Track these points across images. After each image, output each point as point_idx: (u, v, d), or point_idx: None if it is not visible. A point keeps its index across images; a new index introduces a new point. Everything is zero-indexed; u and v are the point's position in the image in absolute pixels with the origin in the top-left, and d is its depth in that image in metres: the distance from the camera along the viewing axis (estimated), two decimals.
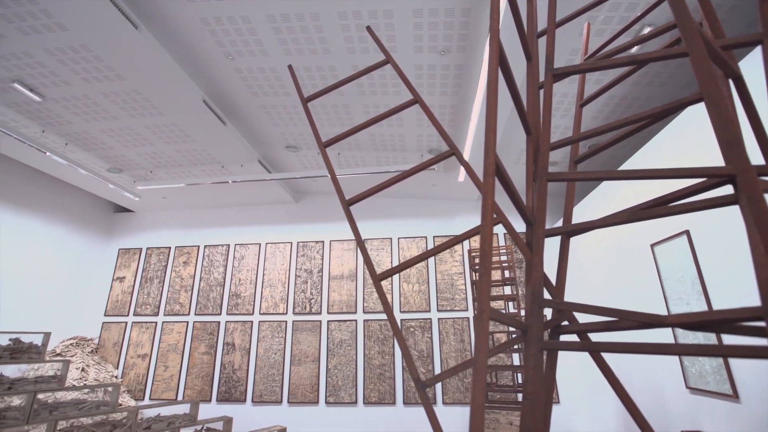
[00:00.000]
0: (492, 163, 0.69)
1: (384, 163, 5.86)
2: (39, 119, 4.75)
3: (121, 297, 7.25)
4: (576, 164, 1.11)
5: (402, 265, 0.91)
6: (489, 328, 0.78)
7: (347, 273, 6.72)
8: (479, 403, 0.56)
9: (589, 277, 4.88)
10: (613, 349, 0.73)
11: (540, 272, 0.85)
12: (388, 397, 5.93)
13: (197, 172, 6.18)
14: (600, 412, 4.87)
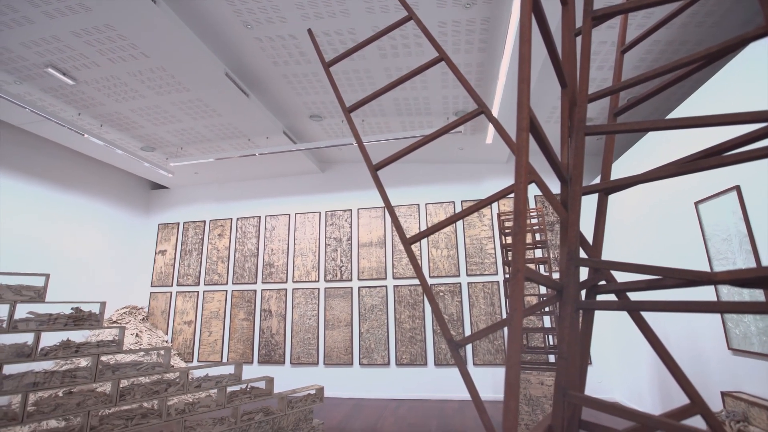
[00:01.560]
0: (526, 117, 0.66)
1: (409, 128, 5.73)
2: (74, 102, 4.92)
3: (164, 269, 7.71)
4: (615, 117, 1.04)
5: (432, 228, 0.90)
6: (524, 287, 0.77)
7: (376, 240, 6.80)
8: (515, 361, 0.56)
9: (626, 237, 4.71)
10: (656, 308, 0.70)
11: (576, 231, 0.82)
12: (420, 359, 6.12)
13: (225, 146, 6.29)
14: (632, 373, 4.84)
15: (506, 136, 1.07)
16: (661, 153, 3.90)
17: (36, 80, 4.42)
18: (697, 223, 3.28)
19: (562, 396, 0.78)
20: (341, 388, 6.24)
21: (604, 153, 1.01)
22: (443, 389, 5.95)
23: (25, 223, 5.81)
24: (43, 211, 6.08)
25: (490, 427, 0.87)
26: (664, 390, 4.12)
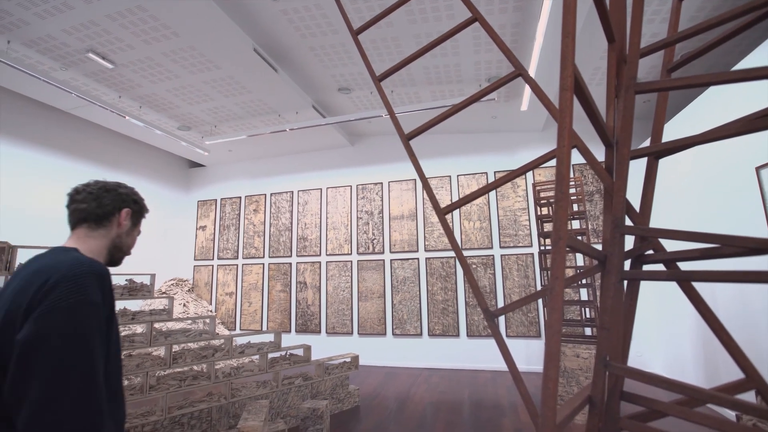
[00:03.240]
0: (570, 75, 0.61)
1: (440, 97, 5.56)
2: (114, 86, 5.12)
3: (205, 243, 8.11)
4: (669, 73, 0.95)
5: (467, 197, 0.87)
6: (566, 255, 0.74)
7: (407, 213, 6.80)
8: (555, 330, 0.55)
9: (674, 205, 4.44)
10: (711, 278, 0.66)
11: (622, 197, 0.77)
12: (452, 330, 6.19)
13: (256, 123, 6.38)
14: (674, 346, 4.67)
15: (546, 98, 1.00)
16: (716, 115, 3.58)
17: (79, 66, 4.61)
18: (757, 190, 3.03)
19: (603, 367, 0.77)
20: (375, 357, 6.46)
21: (656, 113, 0.93)
22: (476, 360, 6.02)
23: None
24: None
25: (527, 396, 0.87)
26: (710, 364, 3.96)
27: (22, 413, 0.76)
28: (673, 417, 0.69)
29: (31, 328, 0.79)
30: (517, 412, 4.06)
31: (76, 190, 1.08)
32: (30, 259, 0.98)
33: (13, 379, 0.78)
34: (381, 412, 4.14)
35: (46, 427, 0.76)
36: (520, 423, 3.76)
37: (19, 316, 0.82)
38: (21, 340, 0.79)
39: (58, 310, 0.81)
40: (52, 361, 0.78)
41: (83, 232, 1.06)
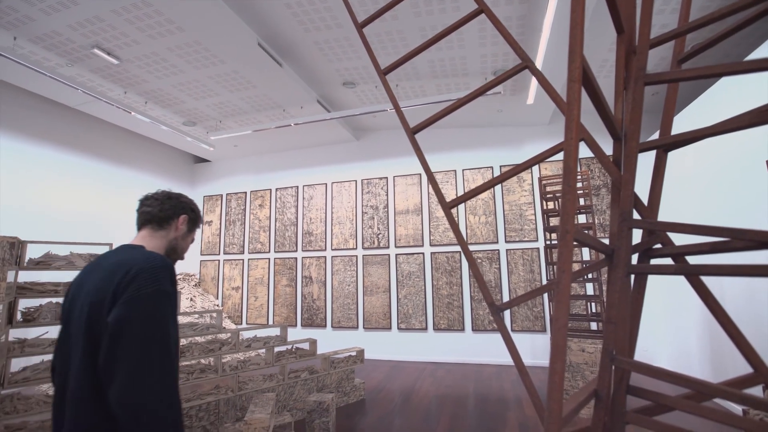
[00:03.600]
0: (579, 67, 0.60)
1: (445, 90, 5.52)
2: (120, 81, 5.14)
3: (211, 238, 8.17)
4: (680, 64, 0.93)
5: (473, 191, 0.87)
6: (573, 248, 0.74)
7: (412, 207, 6.79)
8: (562, 324, 0.55)
9: (683, 199, 4.39)
10: (720, 272, 0.65)
11: (630, 191, 0.76)
12: (457, 324, 6.20)
13: (261, 117, 6.39)
14: (680, 341, 4.64)
15: (553, 91, 0.99)
16: (727, 107, 3.53)
17: (85, 61, 4.63)
18: (767, 183, 2.99)
19: (609, 361, 0.76)
20: (380, 351, 6.50)
21: (665, 106, 0.91)
22: (480, 354, 6.03)
23: (86, 196, 6.31)
24: (101, 185, 6.56)
25: (533, 389, 0.87)
26: (717, 359, 3.94)
27: (114, 384, 0.91)
28: (680, 411, 0.69)
29: (120, 311, 0.94)
30: (522, 406, 4.07)
31: (146, 197, 1.26)
32: (105, 254, 1.14)
33: (106, 354, 0.93)
34: (386, 406, 4.17)
35: (134, 395, 0.90)
36: (525, 417, 3.77)
37: (107, 300, 0.97)
38: (112, 321, 0.94)
39: (141, 297, 0.97)
40: (137, 339, 0.94)
41: (147, 232, 1.22)
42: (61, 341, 1.06)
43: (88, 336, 0.97)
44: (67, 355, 1.01)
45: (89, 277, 1.06)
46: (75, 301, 1.05)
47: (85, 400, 0.95)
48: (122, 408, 0.90)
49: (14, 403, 2.57)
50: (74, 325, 1.01)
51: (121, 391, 0.90)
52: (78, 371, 0.96)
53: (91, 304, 0.98)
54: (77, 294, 1.06)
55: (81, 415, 0.95)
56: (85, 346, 0.96)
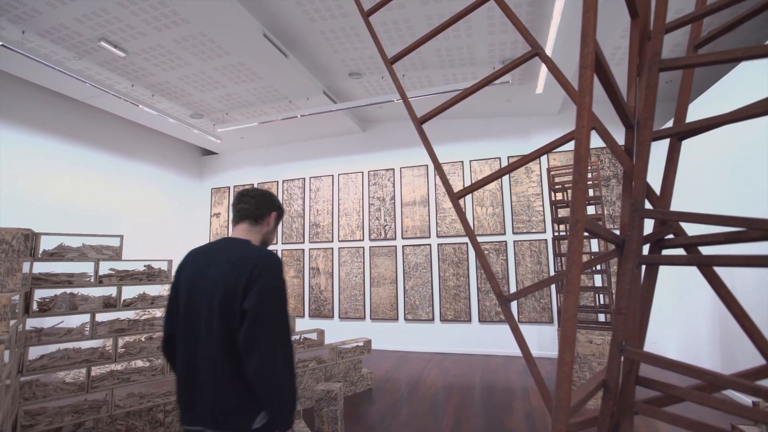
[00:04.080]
0: (591, 52, 0.59)
1: (452, 80, 5.45)
2: (127, 74, 5.16)
3: (219, 230, 8.25)
4: (696, 49, 0.91)
5: (481, 182, 0.86)
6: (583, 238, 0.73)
7: (419, 199, 6.77)
8: (571, 314, 0.54)
9: (696, 189, 4.32)
10: (735, 263, 0.64)
11: (642, 180, 0.75)
12: (464, 315, 6.21)
13: (267, 109, 6.38)
14: (689, 333, 4.61)
15: (563, 79, 0.97)
16: (742, 95, 3.44)
17: (92, 55, 4.65)
18: None
19: (618, 351, 0.76)
20: (387, 342, 6.55)
21: (680, 93, 0.89)
22: (487, 345, 6.05)
23: (96, 189, 6.39)
24: (110, 178, 6.64)
25: (540, 379, 0.87)
26: (726, 350, 3.91)
27: (253, 358, 1.15)
28: (686, 403, 0.68)
29: (254, 299, 1.18)
30: (528, 396, 4.08)
31: (243, 194, 1.44)
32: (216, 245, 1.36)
33: (245, 335, 1.16)
34: (393, 395, 4.21)
35: (270, 367, 1.15)
36: (531, 407, 3.78)
37: (239, 290, 1.19)
38: (248, 308, 1.17)
39: (268, 289, 1.21)
40: (269, 324, 1.18)
41: (246, 227, 1.42)
42: (181, 314, 1.28)
43: (220, 314, 1.20)
44: (193, 325, 1.25)
45: (211, 266, 1.28)
46: (197, 284, 1.27)
47: (220, 363, 1.19)
48: (260, 376, 1.15)
49: (33, 390, 2.64)
50: (203, 304, 1.24)
51: (260, 363, 1.15)
52: (212, 341, 1.20)
53: (225, 289, 1.21)
54: (198, 278, 1.28)
55: (218, 375, 1.19)
56: (218, 322, 1.20)
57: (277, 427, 1.21)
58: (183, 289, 1.30)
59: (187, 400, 1.24)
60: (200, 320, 1.24)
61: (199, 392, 1.22)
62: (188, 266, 1.35)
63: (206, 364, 1.21)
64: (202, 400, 1.21)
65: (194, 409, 1.23)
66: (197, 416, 1.22)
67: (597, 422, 0.80)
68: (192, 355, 1.25)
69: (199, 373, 1.22)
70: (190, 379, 1.24)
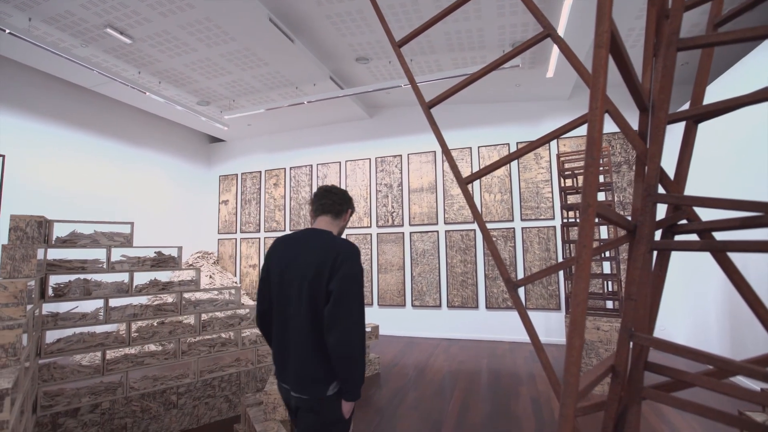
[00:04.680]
0: (606, 31, 0.57)
1: (461, 65, 5.36)
2: (133, 61, 5.15)
3: (227, 217, 8.32)
4: (716, 28, 0.87)
5: (491, 166, 0.85)
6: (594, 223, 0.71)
7: (427, 185, 6.74)
8: (581, 299, 0.54)
9: (710, 174, 4.23)
10: (750, 249, 0.62)
11: (656, 164, 0.73)
12: (471, 302, 6.24)
13: (274, 96, 6.35)
14: (699, 320, 4.58)
15: (576, 60, 0.95)
16: (761, 77, 3.33)
17: (98, 42, 4.65)
18: None
19: (628, 337, 0.75)
20: (395, 328, 6.61)
21: (698, 74, 0.86)
22: (494, 331, 6.08)
23: (105, 176, 6.46)
24: (119, 165, 6.70)
25: (548, 364, 0.87)
26: (736, 337, 3.88)
27: (334, 332, 1.37)
28: (695, 390, 0.68)
29: (338, 284, 1.40)
30: (535, 382, 4.12)
31: (326, 191, 1.64)
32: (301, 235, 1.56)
33: (329, 312, 1.38)
34: (401, 380, 4.27)
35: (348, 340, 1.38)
36: (537, 392, 3.82)
37: (325, 274, 1.41)
38: (333, 290, 1.40)
39: (351, 275, 1.42)
40: (350, 304, 1.40)
41: (327, 219, 1.62)
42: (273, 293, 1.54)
43: (309, 294, 1.42)
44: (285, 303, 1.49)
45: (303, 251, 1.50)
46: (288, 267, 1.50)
47: (305, 336, 1.43)
48: (338, 348, 1.38)
49: (51, 372, 2.73)
50: (293, 285, 1.47)
51: (340, 336, 1.37)
52: (300, 317, 1.44)
53: (313, 273, 1.42)
54: (289, 263, 1.50)
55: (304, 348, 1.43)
56: (306, 301, 1.43)
57: (346, 396, 1.43)
58: (274, 272, 1.54)
59: (281, 364, 1.51)
60: (291, 299, 1.47)
61: (289, 360, 1.47)
62: (278, 252, 1.56)
63: (294, 337, 1.45)
64: (290, 366, 1.46)
65: (285, 372, 1.49)
66: (287, 378, 1.48)
67: (605, 407, 0.80)
68: (284, 328, 1.49)
69: (289, 344, 1.47)
70: (282, 348, 1.50)
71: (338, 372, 1.41)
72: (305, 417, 1.44)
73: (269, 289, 1.56)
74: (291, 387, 1.46)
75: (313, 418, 1.43)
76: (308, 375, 1.42)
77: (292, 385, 1.45)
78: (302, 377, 1.43)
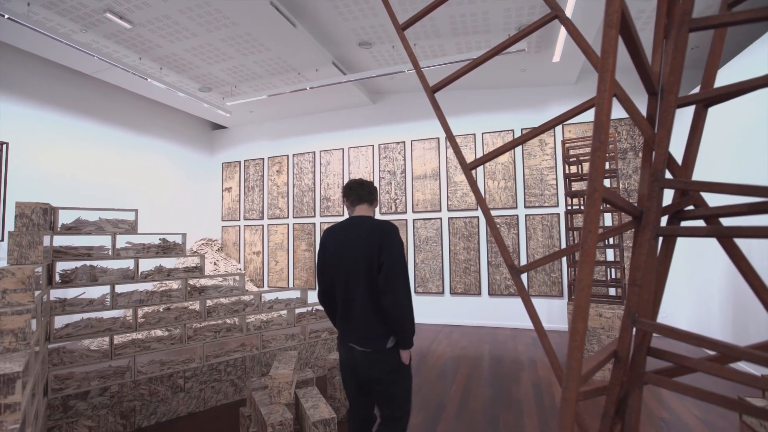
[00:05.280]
0: (617, 10, 0.55)
1: (465, 49, 5.27)
2: (134, 47, 5.10)
3: (231, 205, 8.34)
4: (730, 7, 0.85)
5: (495, 152, 0.84)
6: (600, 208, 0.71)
7: (430, 172, 6.71)
8: (586, 284, 0.54)
9: (717, 159, 4.18)
10: (758, 234, 0.62)
11: (664, 149, 0.72)
12: (474, 289, 6.27)
13: (276, 82, 6.28)
14: (701, 307, 4.58)
15: (584, 42, 0.92)
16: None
17: (98, 27, 4.59)
18: None
19: (631, 323, 0.75)
20: None
21: (709, 56, 0.84)
22: (496, 317, 6.13)
23: (108, 163, 6.47)
24: (122, 152, 6.70)
25: (550, 349, 0.88)
26: (739, 325, 3.89)
27: (389, 295, 1.69)
28: (697, 375, 0.68)
29: (387, 256, 1.72)
30: (536, 367, 4.16)
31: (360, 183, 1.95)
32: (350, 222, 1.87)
33: (384, 279, 1.71)
34: None
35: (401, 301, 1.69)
36: (538, 377, 3.86)
37: (376, 248, 1.74)
38: (384, 261, 1.71)
39: (396, 248, 1.76)
40: (399, 271, 1.73)
41: (364, 207, 1.94)
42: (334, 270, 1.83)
43: (365, 266, 1.75)
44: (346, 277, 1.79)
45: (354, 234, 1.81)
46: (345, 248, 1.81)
47: (365, 302, 1.75)
48: (392, 308, 1.69)
49: (61, 356, 2.78)
50: (351, 261, 1.77)
51: (392, 299, 1.69)
52: (360, 286, 1.76)
53: (366, 250, 1.75)
54: (346, 245, 1.81)
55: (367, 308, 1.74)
56: (364, 272, 1.75)
57: (402, 345, 1.75)
58: (333, 254, 1.83)
59: (347, 327, 1.81)
60: (351, 273, 1.78)
61: (353, 322, 1.78)
62: (334, 237, 1.87)
63: (357, 303, 1.76)
64: (354, 327, 1.77)
65: (350, 332, 1.79)
66: (351, 338, 1.78)
67: (606, 391, 0.80)
68: (348, 297, 1.79)
69: (353, 309, 1.78)
70: (348, 314, 1.80)
71: (393, 328, 1.72)
72: (372, 367, 1.76)
73: (329, 269, 1.85)
74: (357, 344, 1.76)
75: (380, 367, 1.75)
76: (371, 333, 1.74)
77: (357, 342, 1.76)
78: (366, 335, 1.74)
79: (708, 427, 2.78)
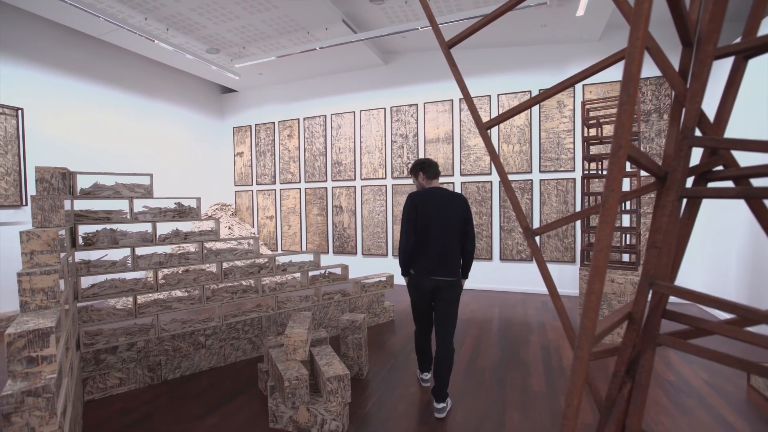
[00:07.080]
0: None
1: (483, 4, 4.97)
2: (138, 6, 4.94)
3: (243, 170, 8.37)
4: None
5: (512, 110, 0.80)
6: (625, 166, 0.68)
7: (443, 136, 6.57)
8: (605, 245, 0.53)
9: (744, 120, 3.98)
10: None
11: (697, 104, 0.68)
12: (485, 253, 6.29)
13: (285, 42, 6.09)
14: (717, 271, 4.53)
15: None
16: None
17: None
18: None
19: (648, 285, 0.75)
20: None
21: (753, 4, 0.77)
22: (507, 282, 6.18)
23: (118, 128, 6.49)
24: (134, 117, 6.70)
25: (563, 310, 0.88)
26: (755, 293, 3.85)
27: (468, 242, 2.61)
28: (707, 338, 0.68)
29: (467, 213, 2.61)
30: (545, 330, 4.23)
31: (431, 163, 2.73)
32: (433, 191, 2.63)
33: (466, 231, 2.60)
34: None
35: (474, 245, 2.64)
36: (547, 340, 3.94)
37: (459, 208, 2.58)
38: (466, 218, 2.60)
39: (468, 209, 2.63)
40: (472, 225, 2.63)
41: (437, 181, 2.73)
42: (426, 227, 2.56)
43: (455, 221, 2.56)
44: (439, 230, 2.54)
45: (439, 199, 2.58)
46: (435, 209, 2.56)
47: (454, 246, 2.57)
48: (469, 250, 2.63)
49: (89, 314, 2.93)
50: (442, 219, 2.54)
51: (471, 244, 2.62)
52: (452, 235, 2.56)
53: (453, 208, 2.56)
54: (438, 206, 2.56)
55: (455, 251, 2.57)
56: (453, 226, 2.55)
57: (464, 276, 2.68)
58: (426, 214, 2.55)
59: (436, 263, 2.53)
60: (447, 227, 2.54)
61: (445, 260, 2.54)
62: (427, 202, 2.57)
63: (448, 247, 2.54)
64: (444, 263, 2.53)
65: (441, 267, 2.53)
66: (440, 272, 2.53)
67: (617, 352, 0.81)
68: (441, 242, 2.54)
69: (446, 251, 2.54)
70: (441, 253, 2.53)
71: (465, 263, 2.64)
72: (449, 291, 2.55)
73: (420, 226, 2.57)
74: (443, 275, 2.53)
75: (454, 290, 2.56)
76: (455, 267, 2.56)
77: (444, 274, 2.53)
78: (452, 268, 2.54)
79: (715, 390, 2.83)
